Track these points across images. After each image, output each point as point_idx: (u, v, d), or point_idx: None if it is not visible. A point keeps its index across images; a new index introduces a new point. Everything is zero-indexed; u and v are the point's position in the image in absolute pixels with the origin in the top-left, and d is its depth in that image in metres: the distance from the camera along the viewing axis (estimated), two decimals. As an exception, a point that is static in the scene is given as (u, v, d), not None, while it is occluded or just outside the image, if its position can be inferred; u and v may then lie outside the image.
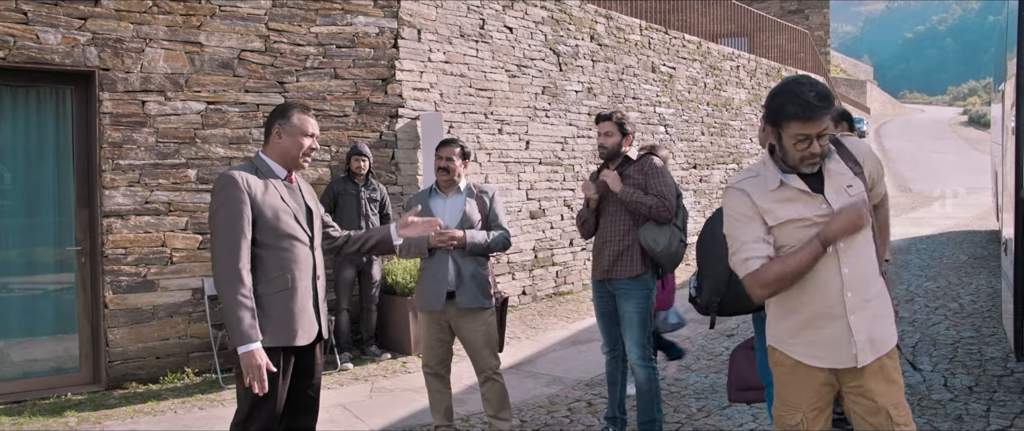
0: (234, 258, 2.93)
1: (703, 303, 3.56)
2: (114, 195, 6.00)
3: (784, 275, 2.52)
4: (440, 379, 4.39)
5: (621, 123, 4.40)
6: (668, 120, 11.94)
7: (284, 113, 3.19)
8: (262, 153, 3.20)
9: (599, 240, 4.43)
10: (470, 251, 4.22)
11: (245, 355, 2.88)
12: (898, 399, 2.60)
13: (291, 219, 3.13)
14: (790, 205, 2.58)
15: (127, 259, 6.04)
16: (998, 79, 7.90)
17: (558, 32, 9.64)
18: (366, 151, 6.73)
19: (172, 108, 6.23)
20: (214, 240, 3.00)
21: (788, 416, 2.69)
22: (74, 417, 5.27)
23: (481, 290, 4.24)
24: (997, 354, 5.97)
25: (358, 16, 7.11)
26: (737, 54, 14.78)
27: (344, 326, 6.65)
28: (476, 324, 4.27)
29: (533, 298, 9.11)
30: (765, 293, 2.59)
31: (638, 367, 4.32)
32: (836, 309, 2.56)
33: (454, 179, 4.36)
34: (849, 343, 2.56)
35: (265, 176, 3.13)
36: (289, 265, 3.10)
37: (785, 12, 22.44)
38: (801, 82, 2.52)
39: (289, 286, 3.08)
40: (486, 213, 4.36)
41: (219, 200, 2.99)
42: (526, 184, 9.09)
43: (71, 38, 5.81)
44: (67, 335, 6.05)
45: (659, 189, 4.22)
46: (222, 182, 3.02)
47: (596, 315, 4.58)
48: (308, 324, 3.14)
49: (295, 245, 3.13)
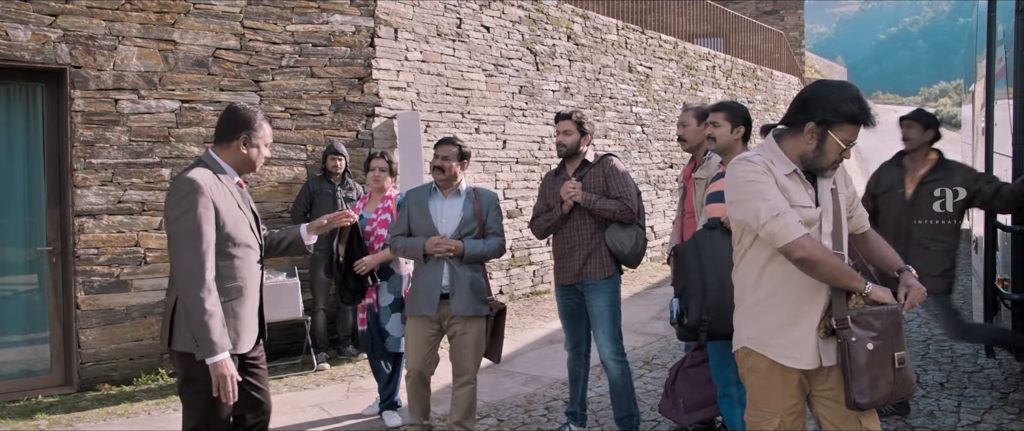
0: (203, 266, 2.83)
1: (691, 325, 3.38)
2: (86, 194, 5.92)
3: (823, 263, 2.46)
4: (424, 382, 4.33)
5: (580, 122, 4.38)
6: (645, 120, 12.00)
7: (251, 123, 3.09)
8: (215, 155, 3.10)
9: (565, 244, 4.39)
10: (467, 260, 4.19)
11: (215, 365, 2.82)
12: None
13: (247, 227, 3.08)
14: (796, 193, 2.61)
15: (99, 259, 5.96)
16: (969, 81, 8.02)
17: (535, 31, 9.65)
18: (342, 150, 6.69)
19: (145, 107, 6.15)
20: (178, 247, 2.87)
21: (764, 422, 2.67)
22: (45, 420, 5.19)
23: (477, 297, 4.21)
24: (968, 351, 6.06)
25: (334, 14, 7.07)
26: (713, 54, 14.88)
27: (321, 326, 6.61)
28: (469, 330, 4.22)
29: (510, 297, 9.12)
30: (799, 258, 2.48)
31: (612, 363, 4.33)
32: (815, 307, 2.58)
33: (450, 179, 4.28)
34: (818, 342, 2.57)
35: (222, 181, 3.04)
36: (243, 274, 3.05)
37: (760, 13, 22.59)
38: (851, 88, 2.58)
39: (242, 295, 3.04)
40: (483, 218, 4.29)
41: (184, 205, 2.87)
42: (503, 183, 9.09)
43: (42, 35, 5.72)
44: (38, 337, 5.96)
45: (621, 190, 4.23)
46: (186, 187, 2.90)
47: (559, 312, 4.60)
48: (251, 331, 3.11)
49: (249, 253, 3.08)
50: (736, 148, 3.78)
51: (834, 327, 2.52)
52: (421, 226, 4.26)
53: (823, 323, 2.57)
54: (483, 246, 4.22)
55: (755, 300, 2.68)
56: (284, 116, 6.82)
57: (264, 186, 6.75)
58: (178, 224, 2.87)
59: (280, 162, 6.81)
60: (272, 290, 5.85)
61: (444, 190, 4.33)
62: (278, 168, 6.81)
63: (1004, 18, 4.86)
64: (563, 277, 4.42)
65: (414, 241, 4.22)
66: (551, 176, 4.57)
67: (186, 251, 2.84)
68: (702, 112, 4.25)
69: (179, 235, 2.87)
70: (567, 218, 4.36)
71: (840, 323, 2.51)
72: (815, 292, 2.57)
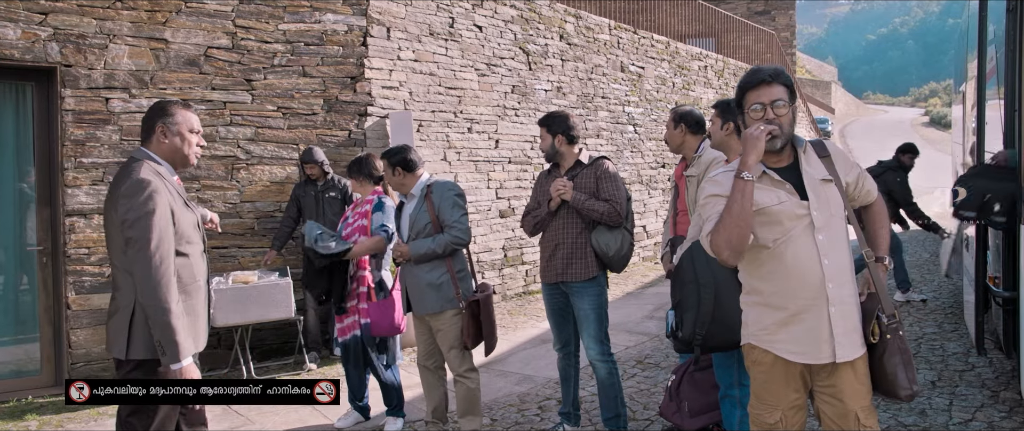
0: (168, 269, 2.79)
1: (686, 337, 3.38)
2: (77, 194, 5.89)
3: (725, 219, 2.54)
4: (431, 372, 4.52)
5: (549, 125, 4.40)
6: (637, 119, 12.01)
7: (165, 110, 3.01)
8: (148, 150, 3.01)
9: (550, 241, 4.41)
10: (417, 260, 4.26)
11: (182, 370, 2.78)
12: (866, 402, 2.63)
13: (193, 226, 3.04)
14: (761, 195, 2.62)
15: (90, 259, 5.93)
16: (958, 81, 8.06)
17: (527, 31, 9.65)
18: (317, 156, 6.52)
19: (137, 106, 6.12)
20: (139, 249, 2.76)
21: (766, 414, 2.71)
22: (35, 421, 5.16)
23: (438, 294, 4.26)
24: (959, 349, 6.09)
25: (327, 14, 7.05)
26: (705, 54, 14.91)
27: (312, 326, 6.59)
28: (439, 326, 4.33)
29: (503, 297, 9.11)
30: (720, 243, 2.56)
31: (599, 363, 4.34)
32: (818, 301, 2.59)
33: (399, 187, 4.44)
34: (829, 337, 2.58)
35: (165, 178, 2.95)
36: (195, 272, 3.03)
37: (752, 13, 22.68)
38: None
39: (197, 293, 3.02)
40: (436, 214, 4.31)
41: (145, 207, 2.78)
42: (496, 183, 9.08)
43: (32, 33, 5.68)
44: (28, 337, 5.92)
45: (611, 193, 4.24)
46: (144, 186, 2.81)
47: (548, 313, 4.60)
48: (204, 328, 3.10)
49: (197, 251, 3.06)
50: (730, 144, 3.81)
51: (887, 323, 2.59)
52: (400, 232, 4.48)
53: (875, 326, 2.61)
54: (430, 244, 4.23)
55: (758, 297, 2.72)
56: (276, 115, 6.80)
57: (256, 186, 6.73)
58: (138, 226, 2.78)
59: (272, 162, 6.78)
60: (265, 290, 5.83)
61: (405, 195, 4.48)
62: (270, 168, 6.79)
63: (995, 18, 4.88)
64: (548, 275, 4.43)
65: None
66: (544, 175, 4.57)
67: (147, 253, 2.76)
68: (677, 115, 4.31)
69: (140, 237, 2.78)
70: (554, 215, 4.36)
71: (891, 318, 2.59)
72: (816, 288, 2.58)
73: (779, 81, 2.63)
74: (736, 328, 2.88)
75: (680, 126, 4.24)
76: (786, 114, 2.61)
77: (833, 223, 2.63)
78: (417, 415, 5.08)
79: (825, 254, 2.58)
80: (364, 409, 5.12)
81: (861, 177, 2.82)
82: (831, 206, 2.64)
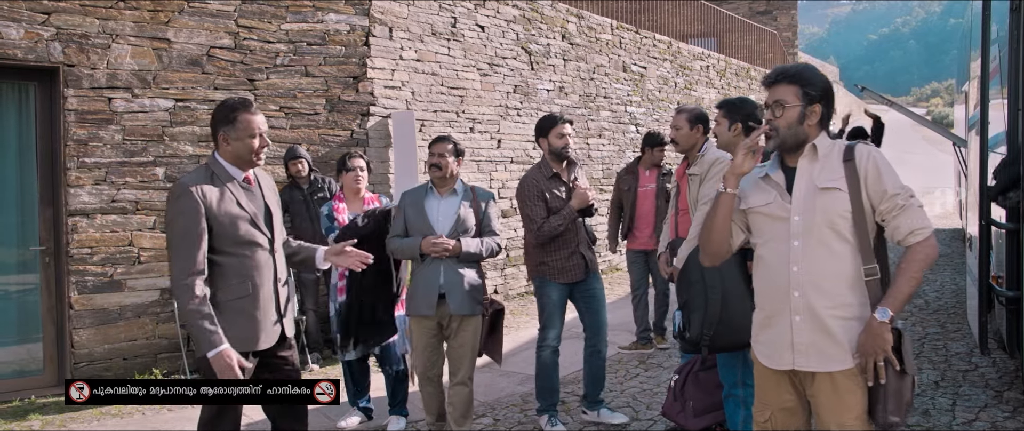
0: (187, 269, 2.89)
1: (693, 338, 3.36)
2: (79, 194, 5.89)
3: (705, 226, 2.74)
4: (433, 384, 4.34)
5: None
6: (639, 119, 12.01)
7: (227, 117, 3.04)
8: (217, 155, 3.11)
9: (568, 245, 4.57)
10: (463, 259, 4.16)
11: (215, 358, 2.86)
12: (844, 419, 2.47)
13: (249, 224, 3.06)
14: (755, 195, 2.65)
15: (93, 259, 5.93)
16: (961, 81, 8.06)
17: (530, 31, 9.64)
18: (301, 153, 6.51)
19: (139, 105, 6.13)
20: (170, 250, 2.98)
21: (758, 413, 2.73)
22: (38, 421, 5.16)
23: (474, 296, 4.19)
24: (962, 349, 6.08)
25: (329, 13, 7.05)
26: (707, 54, 14.90)
27: (312, 326, 6.59)
28: (465, 330, 4.21)
29: (505, 297, 9.11)
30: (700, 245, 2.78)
31: (604, 344, 4.72)
32: (783, 307, 2.55)
33: (447, 177, 4.24)
34: (789, 344, 2.54)
35: (222, 181, 3.04)
36: (249, 271, 3.05)
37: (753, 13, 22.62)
38: None
39: (250, 292, 3.04)
40: (480, 217, 4.26)
41: (176, 210, 2.95)
42: (498, 183, 9.08)
43: (34, 33, 5.69)
44: (31, 337, 5.92)
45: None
46: (177, 191, 2.97)
47: (556, 309, 4.67)
48: (270, 328, 3.11)
49: (255, 251, 3.08)
50: (737, 144, 3.80)
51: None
52: (418, 226, 4.20)
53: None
54: (480, 245, 4.20)
55: (755, 296, 2.73)
56: (279, 115, 6.80)
57: (258, 185, 6.71)
58: (170, 228, 3.00)
59: (275, 162, 6.78)
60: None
61: (440, 189, 4.29)
62: (273, 167, 6.78)
63: (998, 18, 4.87)
64: (573, 275, 4.57)
65: (411, 241, 4.17)
66: (543, 178, 4.57)
67: (173, 254, 2.96)
68: (695, 115, 4.32)
69: (169, 238, 3.01)
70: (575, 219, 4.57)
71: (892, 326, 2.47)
72: (782, 293, 2.55)
73: (782, 82, 2.59)
74: (742, 329, 2.87)
75: (697, 127, 4.31)
76: (783, 115, 2.55)
77: (817, 232, 2.48)
78: (417, 415, 5.07)
79: (795, 261, 2.50)
80: (367, 410, 5.12)
81: (896, 210, 2.45)
82: (820, 214, 2.48)
